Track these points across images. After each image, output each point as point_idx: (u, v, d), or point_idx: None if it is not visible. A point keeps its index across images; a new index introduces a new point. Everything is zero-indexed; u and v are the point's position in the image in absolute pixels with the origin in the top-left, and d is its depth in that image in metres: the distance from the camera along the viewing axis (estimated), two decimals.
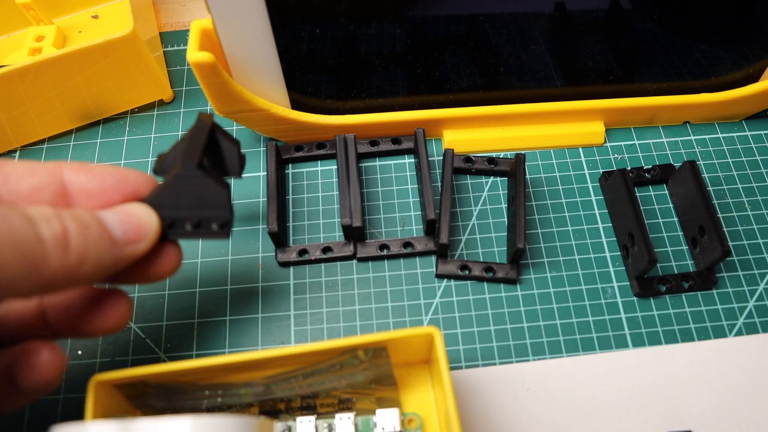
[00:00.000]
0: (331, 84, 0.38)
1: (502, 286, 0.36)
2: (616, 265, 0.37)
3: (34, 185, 0.26)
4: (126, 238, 0.25)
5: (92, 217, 0.24)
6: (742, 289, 0.36)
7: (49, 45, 0.42)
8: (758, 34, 0.37)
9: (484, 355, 0.34)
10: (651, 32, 0.37)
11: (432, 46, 0.37)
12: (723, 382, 0.34)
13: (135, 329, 0.36)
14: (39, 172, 0.26)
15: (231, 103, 0.35)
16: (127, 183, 0.27)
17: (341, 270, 0.37)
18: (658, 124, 0.42)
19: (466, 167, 0.39)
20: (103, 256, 0.24)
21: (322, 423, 0.31)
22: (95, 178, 0.27)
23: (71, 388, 0.34)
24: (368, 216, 0.39)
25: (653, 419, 0.33)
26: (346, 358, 0.28)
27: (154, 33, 0.46)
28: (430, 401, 0.32)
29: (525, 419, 0.33)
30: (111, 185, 0.27)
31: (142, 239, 0.26)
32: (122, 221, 0.25)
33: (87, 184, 0.26)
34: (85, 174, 0.27)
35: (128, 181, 0.27)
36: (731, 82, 0.40)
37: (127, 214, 0.26)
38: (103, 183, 0.27)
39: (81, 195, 0.26)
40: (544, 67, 0.38)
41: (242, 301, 0.36)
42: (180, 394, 0.29)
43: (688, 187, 0.37)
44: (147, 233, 0.26)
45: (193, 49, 0.32)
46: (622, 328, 0.35)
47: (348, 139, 0.37)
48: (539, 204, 0.39)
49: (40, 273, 0.22)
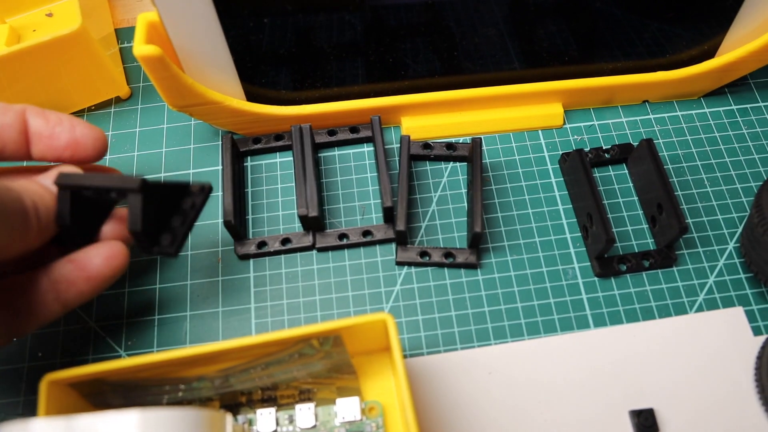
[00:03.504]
0: (285, 74, 0.38)
1: (463, 271, 0.36)
2: (576, 246, 0.37)
3: (4, 123, 0.30)
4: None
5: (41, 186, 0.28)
6: (702, 265, 0.36)
7: (2, 44, 0.42)
8: (711, 11, 0.37)
9: (445, 340, 0.34)
10: (606, 11, 0.37)
11: (387, 33, 0.37)
12: (684, 359, 0.34)
13: (95, 328, 0.35)
14: (9, 112, 0.30)
15: (183, 97, 0.35)
16: (73, 132, 0.31)
17: (301, 261, 0.37)
18: (616, 104, 0.42)
19: (424, 153, 0.39)
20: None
21: (283, 414, 0.31)
22: (49, 123, 0.31)
23: (31, 389, 0.34)
24: (328, 206, 0.38)
25: (615, 398, 0.33)
26: (302, 348, 0.28)
27: (109, 30, 0.45)
28: (391, 389, 0.32)
29: (487, 403, 0.33)
30: (59, 131, 0.31)
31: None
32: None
33: (40, 128, 0.31)
34: (41, 119, 0.31)
35: (74, 130, 0.31)
36: (687, 59, 0.40)
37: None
38: (52, 129, 0.31)
39: (35, 136, 0.31)
40: (501, 49, 0.38)
41: (203, 295, 0.36)
42: (139, 390, 0.29)
43: (646, 166, 0.37)
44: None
45: (139, 43, 0.32)
46: (583, 308, 0.35)
47: (303, 129, 0.37)
48: (499, 188, 0.39)
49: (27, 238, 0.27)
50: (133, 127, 0.42)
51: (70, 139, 0.31)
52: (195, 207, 0.31)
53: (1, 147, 0.30)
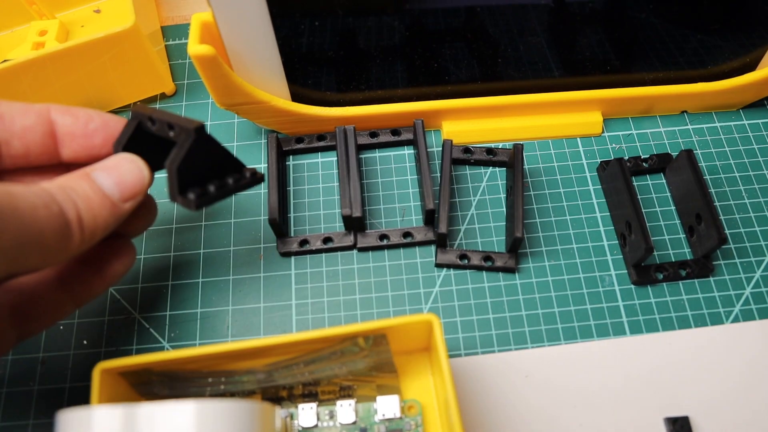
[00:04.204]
0: (330, 76, 0.39)
1: (501, 275, 0.37)
2: (613, 254, 0.37)
3: (26, 125, 0.27)
4: (123, 197, 0.27)
5: (92, 189, 0.26)
6: (739, 276, 0.36)
7: (52, 39, 0.43)
8: (754, 23, 0.37)
9: (483, 343, 0.35)
10: (648, 22, 0.37)
11: (430, 38, 0.37)
12: (720, 369, 0.34)
13: (139, 319, 0.36)
14: (30, 113, 0.28)
15: (232, 96, 0.36)
16: (108, 128, 0.29)
17: (342, 260, 0.38)
18: (655, 113, 0.42)
19: (465, 158, 0.40)
20: (108, 221, 0.26)
21: (324, 410, 0.32)
22: (79, 121, 0.28)
23: (76, 377, 0.35)
24: (368, 207, 0.39)
25: (651, 405, 0.33)
26: (347, 346, 0.29)
27: (156, 27, 0.46)
28: (430, 388, 0.32)
29: (523, 406, 0.33)
30: (93, 129, 0.29)
31: (137, 193, 0.28)
32: (117, 182, 0.27)
33: (71, 127, 0.28)
34: (70, 116, 0.28)
35: (109, 126, 0.29)
36: (728, 71, 0.40)
37: (119, 172, 0.27)
38: (86, 127, 0.28)
39: (66, 136, 0.28)
40: (542, 57, 0.39)
41: (244, 291, 0.37)
42: (183, 381, 0.30)
43: (685, 176, 0.37)
44: (141, 187, 0.28)
45: (194, 42, 0.32)
46: (619, 315, 0.35)
47: (348, 130, 0.38)
48: (537, 194, 0.39)
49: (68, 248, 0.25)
50: None
51: (106, 136, 0.29)
52: (237, 185, 0.30)
53: (24, 152, 0.28)
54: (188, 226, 0.39)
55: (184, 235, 0.38)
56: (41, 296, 0.29)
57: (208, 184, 0.29)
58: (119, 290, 0.37)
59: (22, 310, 0.28)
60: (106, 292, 0.37)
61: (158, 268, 0.38)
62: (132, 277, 0.37)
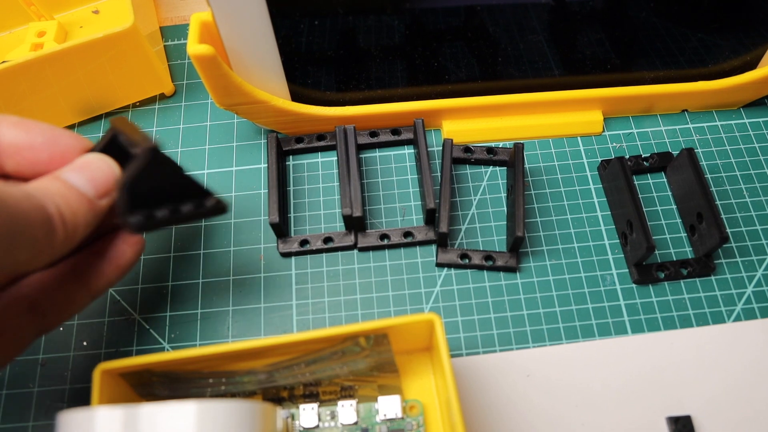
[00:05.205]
0: (330, 75, 0.38)
1: (502, 274, 0.37)
2: (614, 253, 0.37)
3: None
4: (98, 193, 0.27)
5: (67, 188, 0.26)
6: (741, 275, 0.36)
7: (51, 40, 0.43)
8: (754, 22, 0.37)
9: (484, 342, 0.35)
10: (648, 21, 0.37)
11: (430, 37, 0.37)
12: (722, 368, 0.34)
13: (139, 320, 0.36)
14: None
15: (231, 96, 0.36)
16: (56, 144, 0.28)
17: (342, 260, 0.37)
18: (656, 112, 0.42)
19: (465, 157, 0.40)
20: (87, 217, 0.26)
21: (325, 410, 0.32)
22: (27, 133, 0.27)
23: (76, 378, 0.35)
24: (368, 206, 0.39)
25: (652, 405, 0.33)
26: (348, 346, 0.29)
27: (155, 27, 0.46)
28: (432, 388, 0.32)
29: (525, 405, 0.33)
30: (40, 143, 0.28)
31: (111, 189, 0.27)
32: (89, 179, 0.27)
33: (16, 138, 0.27)
34: (20, 129, 0.27)
35: (57, 142, 0.28)
36: (729, 69, 0.40)
37: (90, 169, 0.27)
38: (32, 140, 0.27)
39: (9, 147, 0.27)
40: (542, 56, 0.39)
41: (245, 291, 0.37)
42: (184, 382, 0.30)
43: (686, 175, 0.37)
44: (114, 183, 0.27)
45: (193, 42, 0.32)
46: (621, 314, 0.35)
47: (348, 130, 0.38)
48: (538, 193, 0.39)
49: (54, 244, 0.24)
50: (177, 124, 0.43)
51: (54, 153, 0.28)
52: (195, 212, 0.29)
53: None
54: (188, 227, 0.39)
55: (184, 236, 0.38)
56: (58, 289, 0.29)
57: (160, 207, 0.28)
58: (119, 291, 0.37)
59: (41, 304, 0.29)
60: (106, 293, 0.37)
61: (158, 268, 0.38)
62: (132, 278, 0.37)
